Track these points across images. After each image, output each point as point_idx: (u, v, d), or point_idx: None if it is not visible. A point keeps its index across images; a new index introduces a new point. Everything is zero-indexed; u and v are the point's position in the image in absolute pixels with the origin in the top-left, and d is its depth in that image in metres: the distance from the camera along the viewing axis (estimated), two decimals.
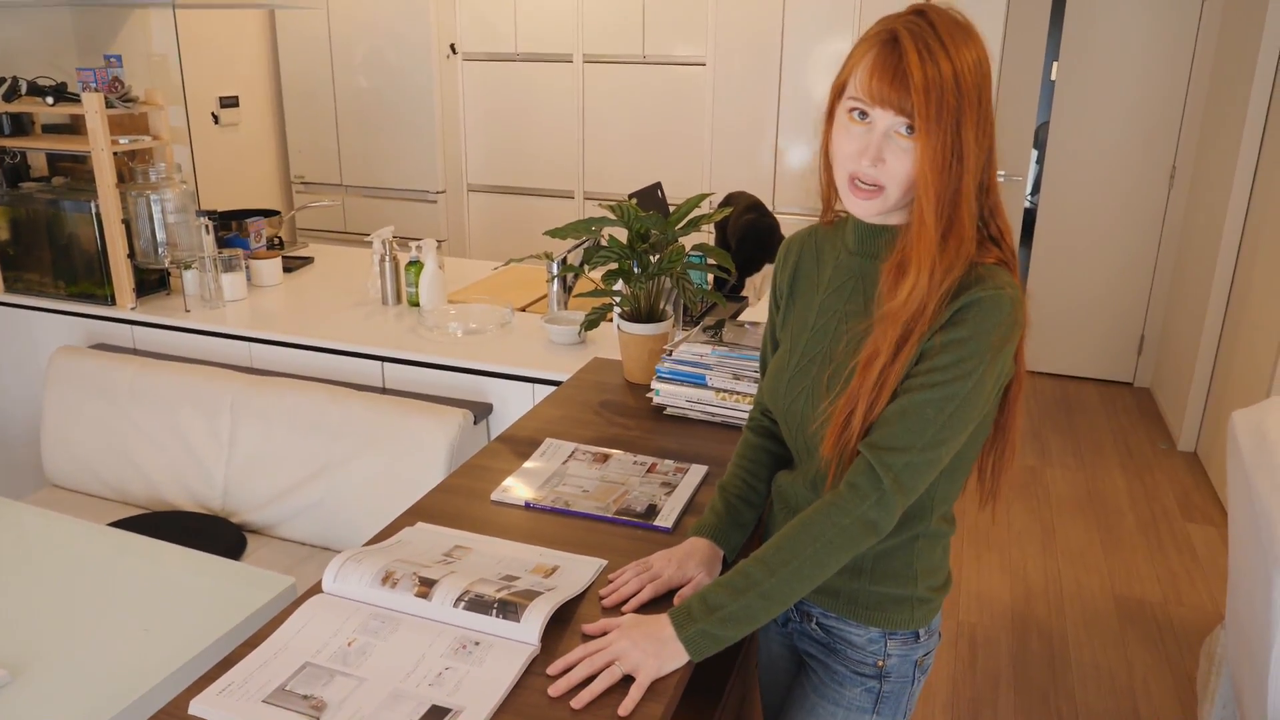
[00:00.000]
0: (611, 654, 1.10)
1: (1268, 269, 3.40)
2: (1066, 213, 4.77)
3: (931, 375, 1.09)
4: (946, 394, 1.08)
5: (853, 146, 1.11)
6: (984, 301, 1.08)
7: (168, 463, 2.45)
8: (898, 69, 1.05)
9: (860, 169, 1.10)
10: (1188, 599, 3.01)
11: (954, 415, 1.09)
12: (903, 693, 1.30)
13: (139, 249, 2.81)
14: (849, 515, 1.11)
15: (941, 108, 1.04)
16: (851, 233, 1.23)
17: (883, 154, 1.08)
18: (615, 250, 1.93)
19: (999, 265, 1.12)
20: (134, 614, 1.61)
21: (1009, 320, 1.09)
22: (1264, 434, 1.98)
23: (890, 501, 1.10)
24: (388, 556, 1.26)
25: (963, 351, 1.08)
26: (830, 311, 1.24)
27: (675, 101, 4.34)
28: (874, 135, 1.09)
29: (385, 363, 2.54)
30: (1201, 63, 4.35)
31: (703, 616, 1.12)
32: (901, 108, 1.05)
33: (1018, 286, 1.11)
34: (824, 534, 1.11)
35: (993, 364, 1.09)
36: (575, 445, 1.69)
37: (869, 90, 1.07)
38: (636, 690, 1.06)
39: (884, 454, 1.10)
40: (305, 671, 1.09)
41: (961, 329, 1.08)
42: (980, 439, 1.20)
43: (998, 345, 1.09)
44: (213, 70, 4.26)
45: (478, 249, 4.87)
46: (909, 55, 1.05)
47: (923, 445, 1.09)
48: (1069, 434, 4.27)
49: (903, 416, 1.10)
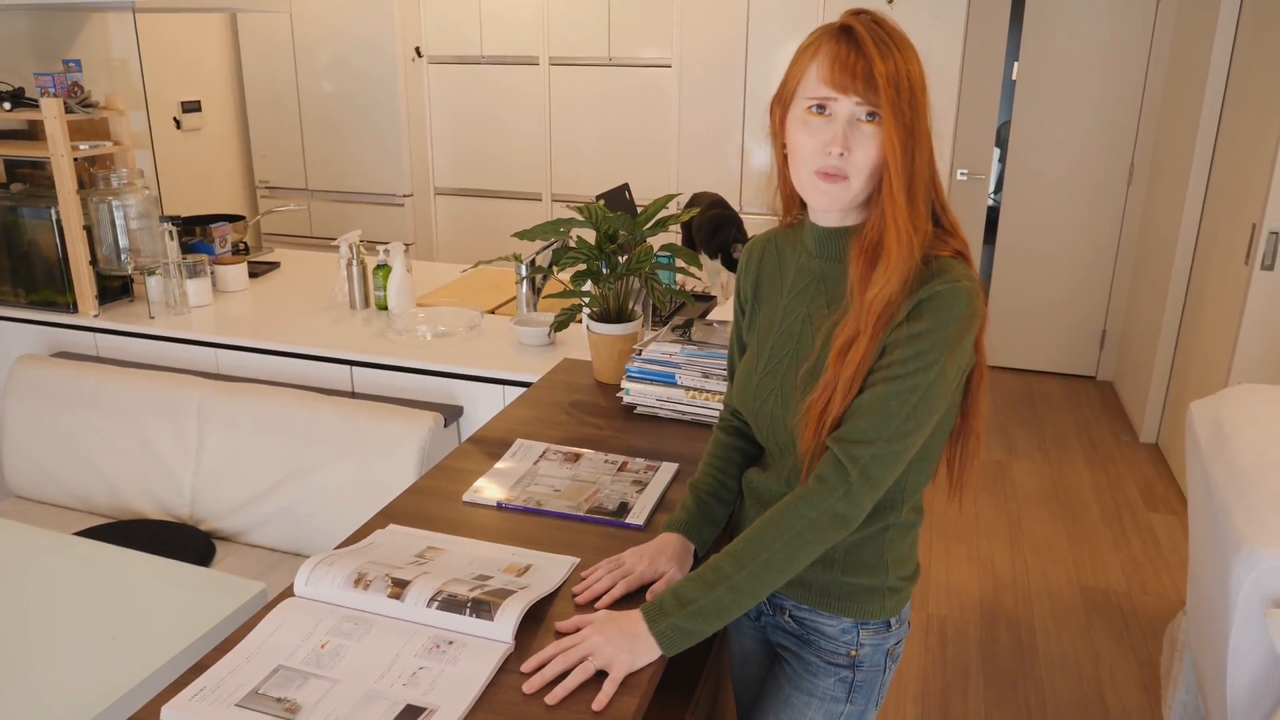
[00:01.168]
0: (585, 650, 1.11)
1: (1223, 263, 3.48)
2: (1029, 210, 4.84)
3: (894, 368, 1.11)
4: (909, 386, 1.10)
5: (816, 141, 1.13)
6: (943, 294, 1.11)
7: (134, 471, 2.43)
8: (858, 55, 1.09)
9: (826, 162, 1.12)
10: (1151, 587, 3.07)
11: (918, 407, 1.11)
12: (875, 681, 1.32)
13: (101, 255, 2.77)
14: (817, 508, 1.13)
15: (900, 92, 1.08)
16: (810, 236, 1.25)
17: (848, 143, 1.11)
18: (583, 251, 1.94)
19: (955, 257, 1.15)
20: (101, 623, 1.59)
21: (968, 311, 1.12)
22: (1220, 424, 2.03)
23: (858, 494, 1.12)
24: (360, 558, 1.26)
25: (924, 344, 1.10)
26: (795, 314, 1.26)
27: (642, 103, 4.36)
28: (837, 125, 1.11)
29: (354, 367, 2.53)
30: (1157, 62, 4.44)
31: (674, 611, 1.13)
32: (865, 94, 1.09)
33: (975, 278, 1.14)
34: (793, 527, 1.13)
35: (953, 355, 1.12)
36: (546, 445, 1.70)
37: (831, 80, 1.10)
38: (610, 685, 1.07)
39: (850, 447, 1.12)
40: (278, 674, 1.09)
41: (922, 322, 1.11)
42: (947, 429, 1.23)
43: (957, 336, 1.11)
44: (175, 75, 4.21)
45: (446, 252, 4.85)
46: (867, 43, 1.09)
47: (888, 437, 1.11)
48: (1034, 428, 4.34)
49: (868, 410, 1.12)
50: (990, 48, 4.64)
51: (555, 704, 1.05)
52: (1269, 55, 3.21)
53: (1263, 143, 3.17)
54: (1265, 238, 3.08)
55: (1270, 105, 3.14)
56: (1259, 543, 1.61)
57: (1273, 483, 1.73)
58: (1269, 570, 1.60)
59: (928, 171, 1.12)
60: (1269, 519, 1.65)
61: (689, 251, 2.06)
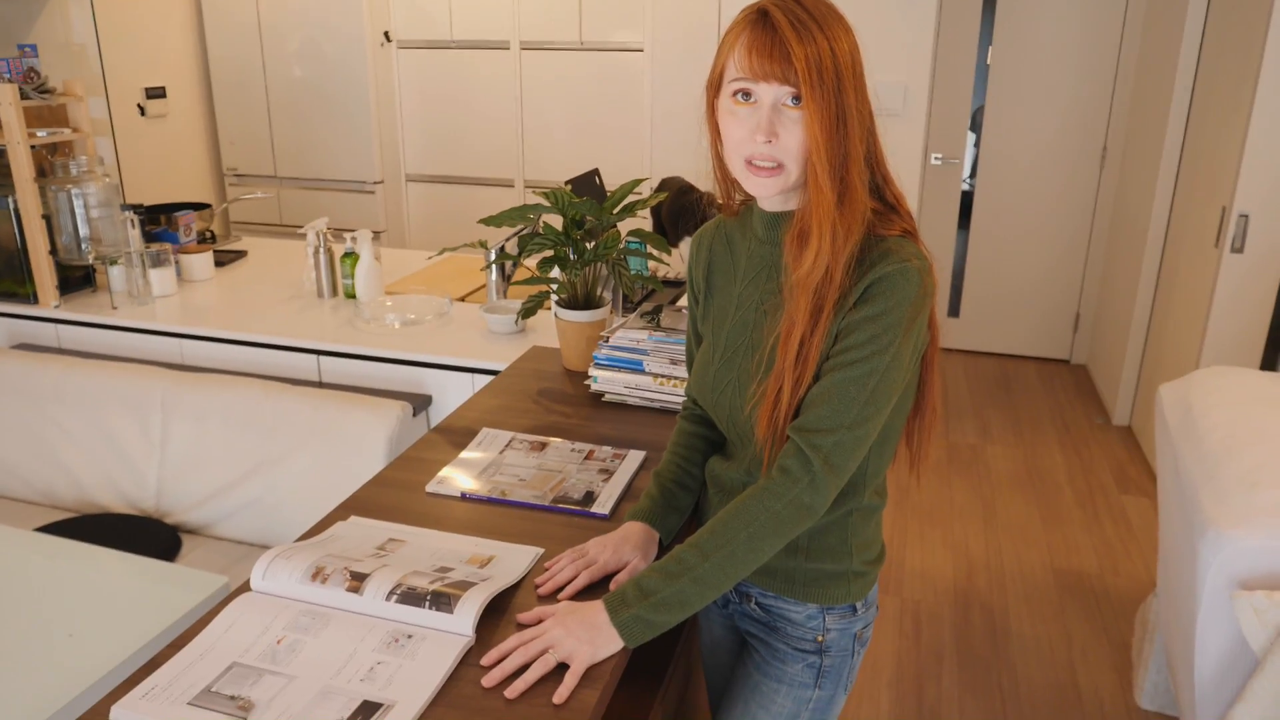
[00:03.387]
0: (545, 642, 1.09)
1: (1194, 246, 3.50)
2: (1003, 194, 4.85)
3: (849, 354, 1.10)
4: (866, 370, 1.09)
5: (743, 129, 1.11)
6: (893, 275, 1.09)
7: (97, 464, 2.39)
8: (774, 41, 1.07)
9: (755, 150, 1.11)
10: (1123, 569, 3.09)
11: (876, 390, 1.10)
12: (844, 666, 1.31)
13: (61, 245, 2.72)
14: (782, 499, 1.12)
15: (823, 73, 1.06)
16: (758, 221, 1.24)
17: (775, 129, 1.09)
18: (551, 237, 1.92)
19: (904, 236, 1.14)
20: (60, 620, 1.56)
21: (920, 292, 1.10)
22: (1189, 406, 2.04)
23: (823, 483, 1.11)
24: (318, 551, 1.24)
25: (877, 327, 1.09)
26: (748, 302, 1.25)
27: (614, 88, 4.32)
28: (762, 112, 1.10)
29: (321, 356, 2.50)
30: (1129, 47, 4.44)
31: (636, 601, 1.11)
32: (785, 78, 1.07)
33: (924, 256, 1.13)
34: (758, 519, 1.12)
35: (908, 335, 1.11)
36: (512, 434, 1.68)
37: (750, 68, 1.08)
38: (571, 678, 1.06)
39: (812, 436, 1.11)
40: (232, 671, 1.06)
41: (874, 305, 1.09)
42: (905, 410, 1.22)
43: (911, 317, 1.10)
44: (138, 60, 4.13)
45: (417, 239, 4.80)
46: (783, 27, 1.07)
47: (849, 423, 1.10)
48: (1009, 411, 4.35)
49: (826, 398, 1.11)
50: (964, 32, 4.63)
51: (515, 698, 1.04)
52: (1238, 39, 3.22)
53: (1232, 126, 3.18)
54: (1235, 220, 3.10)
55: (1239, 89, 3.15)
56: (1225, 525, 1.62)
57: (1239, 465, 1.74)
58: (1235, 552, 1.60)
59: (862, 149, 1.10)
60: (1236, 501, 1.66)
61: (658, 237, 2.04)
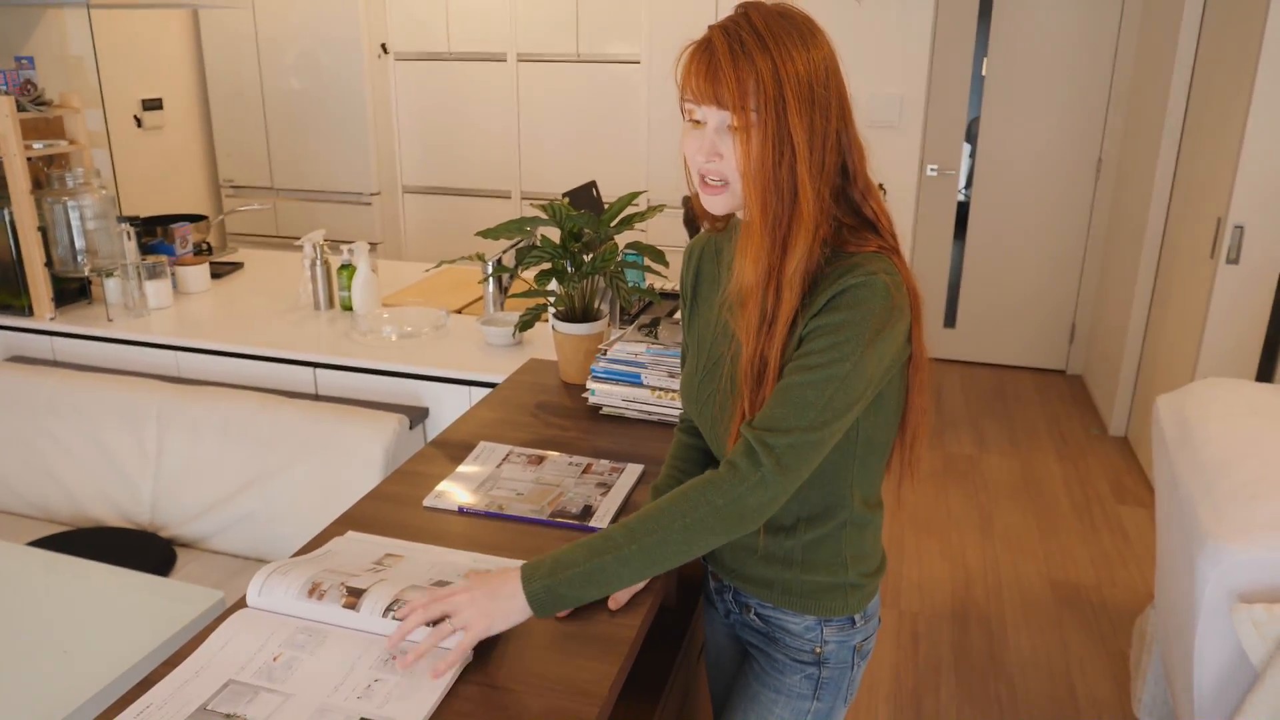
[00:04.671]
0: (446, 607, 1.10)
1: (1189, 257, 3.50)
2: (999, 205, 4.86)
3: (808, 359, 1.10)
4: (825, 376, 1.09)
5: (692, 146, 1.14)
6: (856, 287, 1.09)
7: (92, 477, 2.37)
8: (710, 65, 1.08)
9: (705, 168, 1.14)
10: (1120, 580, 3.09)
11: (834, 397, 1.09)
12: (842, 678, 1.31)
13: (57, 257, 2.71)
14: (726, 495, 1.10)
15: (760, 99, 1.06)
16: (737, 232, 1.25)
17: (718, 148, 1.11)
18: (548, 250, 1.91)
19: (879, 253, 1.13)
20: (54, 636, 1.55)
21: (884, 305, 1.10)
22: (1186, 418, 2.04)
23: (771, 482, 1.09)
24: (315, 567, 1.23)
25: (838, 336, 1.09)
26: None
27: (612, 100, 4.33)
28: (708, 133, 1.11)
29: (318, 369, 2.49)
30: (1124, 57, 4.46)
31: (550, 573, 1.12)
32: (720, 102, 1.08)
33: (896, 271, 1.12)
34: (697, 510, 1.10)
35: (872, 347, 1.09)
36: (510, 448, 1.67)
37: (691, 90, 1.11)
38: (455, 654, 1.06)
39: (765, 434, 1.10)
40: (228, 689, 1.06)
41: (835, 314, 1.10)
42: (893, 423, 1.22)
43: (876, 328, 1.09)
44: (134, 72, 4.14)
45: (414, 251, 4.80)
46: (719, 52, 1.07)
47: (804, 427, 1.09)
48: (1005, 421, 4.35)
49: (783, 399, 1.11)
50: (960, 44, 4.65)
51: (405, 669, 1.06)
52: (1233, 50, 3.24)
53: (1227, 137, 3.19)
54: (1230, 232, 3.11)
55: (1234, 100, 3.16)
56: (1224, 537, 1.62)
57: (1238, 477, 1.74)
58: (1234, 565, 1.60)
59: (823, 166, 1.10)
60: (1234, 514, 1.65)
61: (656, 250, 2.03)
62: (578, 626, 1.18)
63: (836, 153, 1.12)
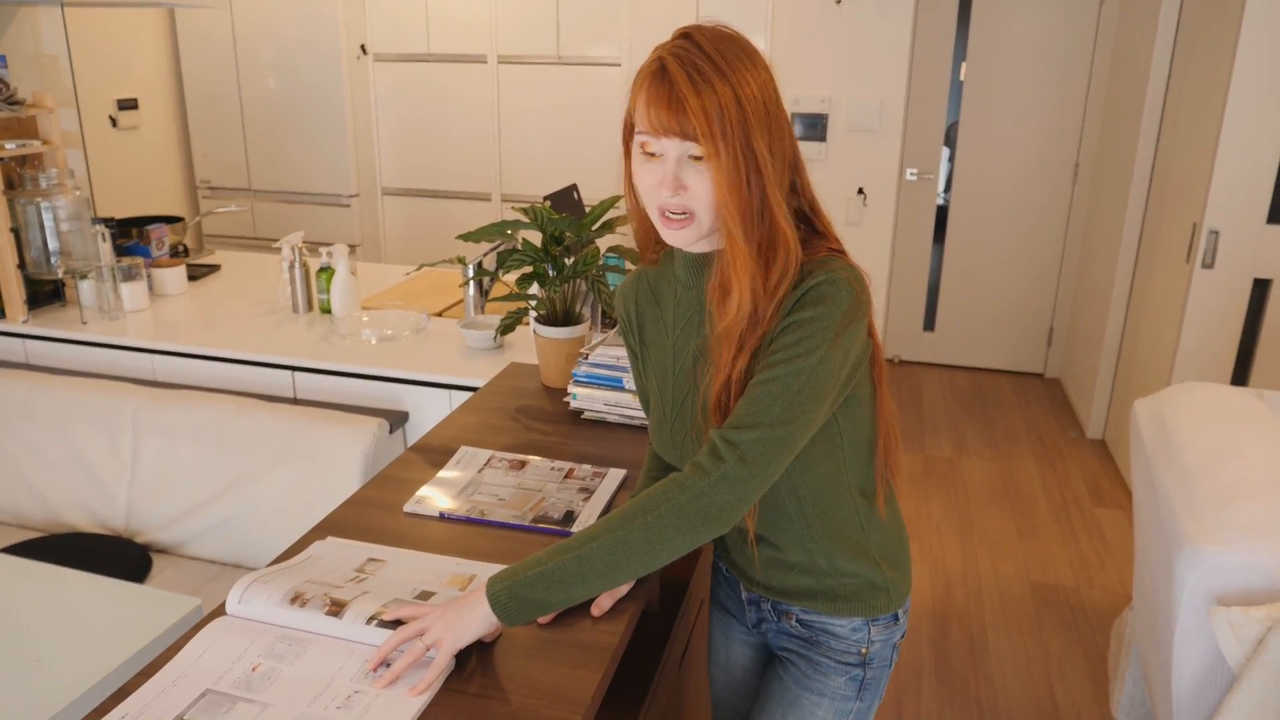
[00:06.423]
0: (418, 627, 1.09)
1: (1165, 261, 3.54)
2: (977, 209, 4.89)
3: (777, 355, 1.10)
4: (792, 370, 1.08)
5: (652, 180, 1.11)
6: (822, 285, 1.09)
7: (66, 482, 2.34)
8: (671, 97, 1.05)
9: (664, 200, 1.10)
10: (1098, 582, 3.11)
11: (802, 391, 1.08)
12: (883, 676, 1.33)
13: (30, 259, 2.67)
14: (688, 492, 1.08)
15: (725, 126, 1.04)
16: (680, 266, 1.24)
17: (682, 180, 1.09)
18: (529, 253, 1.91)
19: (831, 255, 1.14)
20: (27, 645, 1.53)
21: (850, 299, 1.10)
22: (1163, 421, 2.05)
23: (734, 478, 1.07)
24: (298, 576, 1.22)
25: (805, 331, 1.09)
26: (685, 351, 1.25)
27: (592, 102, 4.32)
28: (667, 166, 1.09)
29: (296, 372, 2.47)
30: (1101, 63, 4.51)
31: (512, 575, 1.11)
32: (685, 134, 1.06)
33: (854, 268, 1.13)
34: (657, 509, 1.09)
35: (839, 341, 1.10)
36: (491, 453, 1.66)
37: (650, 123, 1.08)
38: (432, 671, 1.06)
39: (730, 432, 1.09)
40: (205, 699, 1.04)
41: (802, 311, 1.09)
42: (870, 420, 1.22)
43: (843, 323, 1.10)
44: (110, 72, 4.09)
45: (394, 254, 4.77)
46: (679, 82, 1.05)
47: (771, 422, 1.08)
48: (984, 425, 4.38)
49: (749, 397, 1.10)
50: (939, 49, 4.68)
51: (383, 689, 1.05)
52: (1208, 56, 3.27)
53: (1202, 143, 3.23)
54: (1205, 236, 3.14)
55: (1209, 106, 3.19)
56: (1202, 541, 1.63)
57: (1215, 480, 1.75)
58: (1212, 568, 1.61)
59: (780, 189, 1.10)
60: (1212, 517, 1.67)
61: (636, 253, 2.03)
62: (560, 634, 1.17)
63: (791, 169, 1.13)
